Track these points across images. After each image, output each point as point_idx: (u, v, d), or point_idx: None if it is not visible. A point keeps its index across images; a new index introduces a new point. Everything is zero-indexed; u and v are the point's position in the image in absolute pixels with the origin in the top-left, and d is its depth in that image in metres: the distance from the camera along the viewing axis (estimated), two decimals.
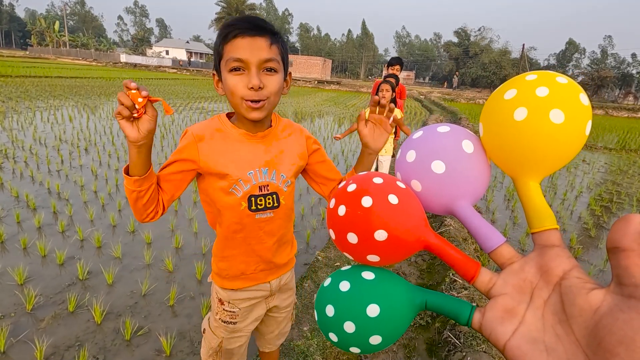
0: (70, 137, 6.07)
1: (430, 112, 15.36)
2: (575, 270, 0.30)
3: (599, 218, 4.43)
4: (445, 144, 0.40)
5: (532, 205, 0.35)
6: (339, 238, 0.38)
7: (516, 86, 0.36)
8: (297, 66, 45.50)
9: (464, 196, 0.39)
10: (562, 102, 0.33)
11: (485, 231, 0.36)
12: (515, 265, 0.34)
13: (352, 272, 0.40)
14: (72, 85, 14.86)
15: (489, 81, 57.86)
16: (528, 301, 0.31)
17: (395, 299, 0.37)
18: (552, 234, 0.33)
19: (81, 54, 52.55)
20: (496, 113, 0.37)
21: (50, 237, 2.88)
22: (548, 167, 0.35)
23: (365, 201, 0.36)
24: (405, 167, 0.42)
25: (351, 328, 0.37)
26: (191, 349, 1.91)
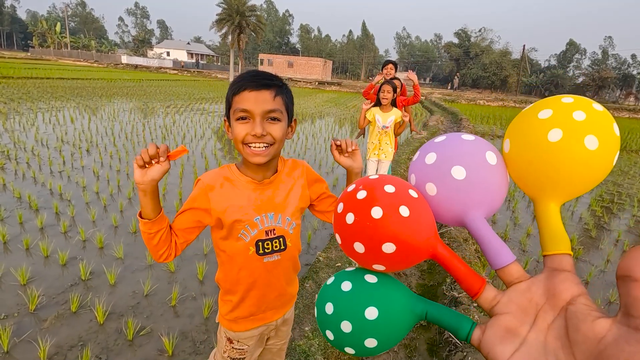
0: (72, 138, 6.09)
1: (430, 113, 15.36)
2: (582, 297, 0.29)
3: (600, 219, 4.43)
4: (469, 151, 0.39)
5: (550, 228, 0.34)
6: (346, 245, 0.38)
7: (552, 107, 0.35)
8: (297, 67, 45.55)
9: (479, 207, 0.38)
10: (597, 129, 0.33)
11: (497, 246, 0.35)
12: (522, 285, 0.33)
13: (355, 274, 0.40)
14: (73, 87, 14.90)
15: (490, 82, 57.83)
16: (531, 323, 0.31)
17: (395, 305, 0.37)
18: (565, 259, 0.32)
19: (82, 55, 52.68)
20: (528, 131, 0.36)
21: (53, 238, 2.89)
22: (572, 191, 0.34)
23: (376, 212, 0.35)
24: (423, 169, 0.41)
25: (348, 328, 0.37)
26: (193, 348, 1.92)
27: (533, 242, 3.59)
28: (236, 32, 33.28)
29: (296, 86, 32.30)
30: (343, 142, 1.00)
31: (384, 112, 3.48)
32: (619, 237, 3.89)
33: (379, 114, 3.50)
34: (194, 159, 5.51)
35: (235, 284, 1.05)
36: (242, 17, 32.55)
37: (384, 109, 3.48)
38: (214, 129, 8.11)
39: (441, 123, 11.56)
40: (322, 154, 6.55)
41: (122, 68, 39.88)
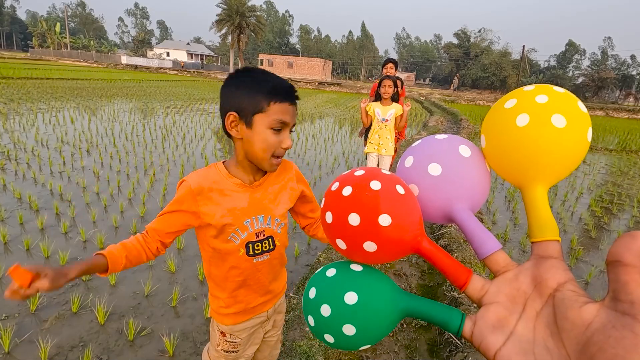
0: (72, 138, 6.10)
1: (430, 114, 15.38)
2: (569, 283, 0.29)
3: (600, 219, 4.44)
4: (442, 148, 0.41)
5: (536, 213, 0.34)
6: (338, 220, 0.37)
7: (516, 96, 0.37)
8: (297, 68, 45.56)
9: (460, 199, 0.39)
10: (562, 107, 0.34)
11: (481, 236, 0.36)
12: (510, 274, 0.33)
13: (342, 263, 0.41)
14: (73, 87, 14.90)
15: (489, 82, 57.89)
16: (520, 311, 0.31)
17: (376, 293, 0.37)
18: (552, 245, 0.32)
19: (82, 56, 52.67)
20: (498, 122, 0.37)
21: (53, 239, 2.90)
22: (554, 172, 0.35)
23: (374, 184, 0.36)
24: (404, 173, 0.43)
25: (327, 311, 0.37)
26: (194, 349, 1.92)
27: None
28: (236, 32, 33.30)
29: (296, 86, 32.21)
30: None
31: (384, 105, 3.50)
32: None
33: (379, 108, 3.51)
34: (194, 159, 5.52)
35: (224, 281, 1.05)
36: (242, 17, 32.59)
37: (384, 103, 3.49)
38: (213, 130, 8.11)
39: (441, 124, 11.57)
40: (322, 155, 6.55)
41: (122, 68, 39.88)
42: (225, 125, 0.94)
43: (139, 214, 3.45)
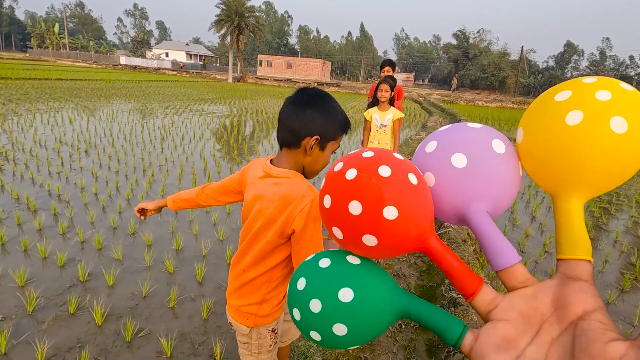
0: (70, 139, 6.08)
1: (429, 114, 15.39)
2: (598, 313, 0.26)
3: (598, 219, 4.44)
4: (473, 137, 0.35)
5: (569, 227, 0.30)
6: (337, 205, 0.32)
7: (571, 88, 0.31)
8: (296, 68, 45.57)
9: (481, 199, 0.34)
10: (626, 109, 0.28)
11: (499, 244, 0.31)
12: (528, 290, 0.29)
13: (337, 253, 0.36)
14: (72, 88, 14.88)
15: (488, 83, 57.97)
16: (533, 335, 0.27)
17: (374, 291, 0.33)
18: (582, 265, 0.28)
19: (81, 56, 52.61)
20: (543, 116, 0.32)
21: (51, 239, 2.89)
22: (598, 184, 0.30)
23: (384, 170, 0.32)
24: (422, 159, 0.37)
25: (317, 307, 0.33)
26: (192, 350, 1.92)
27: (532, 243, 3.60)
28: (235, 33, 33.29)
29: (295, 87, 32.30)
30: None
31: (381, 110, 3.49)
32: (617, 238, 3.90)
33: (376, 113, 3.51)
34: (193, 160, 5.51)
35: (286, 278, 1.12)
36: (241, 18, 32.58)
37: (381, 108, 3.49)
38: (212, 130, 8.10)
39: (440, 124, 11.58)
40: None
41: (120, 69, 39.85)
42: (299, 142, 1.01)
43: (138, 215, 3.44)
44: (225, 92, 19.87)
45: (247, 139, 7.47)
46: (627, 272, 3.19)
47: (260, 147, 6.83)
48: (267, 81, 35.31)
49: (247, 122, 9.75)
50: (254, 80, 35.92)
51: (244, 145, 6.84)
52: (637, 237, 4.00)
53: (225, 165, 5.40)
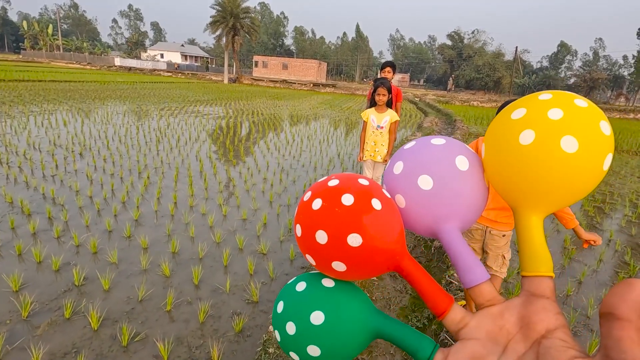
0: (64, 141, 6.04)
1: (425, 114, 15.45)
2: (559, 331, 0.26)
3: (592, 219, 4.48)
4: (437, 157, 0.36)
5: (530, 244, 0.31)
6: (306, 235, 0.34)
7: (526, 105, 0.32)
8: (292, 69, 45.56)
9: (450, 219, 0.35)
10: (577, 128, 0.29)
11: (468, 262, 0.32)
12: (495, 309, 0.30)
13: (314, 276, 0.37)
14: (66, 89, 14.77)
15: (483, 83, 58.32)
16: (500, 353, 0.28)
17: (345, 313, 0.34)
18: (544, 282, 0.29)
19: (75, 58, 52.26)
20: (500, 134, 0.33)
21: (46, 243, 2.86)
22: (554, 201, 0.30)
23: (346, 199, 0.32)
24: (391, 180, 0.38)
25: (292, 330, 0.34)
26: (189, 354, 1.91)
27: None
28: (230, 34, 33.22)
29: (291, 88, 32.30)
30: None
31: (379, 112, 3.52)
32: (611, 237, 3.93)
33: (373, 115, 3.53)
34: (189, 162, 5.49)
35: None
36: (236, 19, 32.52)
37: (379, 110, 3.52)
38: (208, 132, 8.08)
39: (435, 124, 11.63)
40: (317, 156, 6.55)
41: (115, 70, 39.63)
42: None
43: (133, 218, 3.42)
44: (221, 93, 19.82)
45: (243, 140, 7.46)
46: (621, 270, 3.22)
47: (257, 149, 6.82)
48: (263, 82, 35.26)
49: (243, 124, 9.73)
50: (250, 81, 35.86)
51: (240, 146, 6.83)
52: (630, 236, 4.04)
53: (221, 167, 5.38)
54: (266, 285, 2.58)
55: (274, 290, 2.53)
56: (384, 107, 3.52)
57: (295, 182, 4.98)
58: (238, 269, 2.76)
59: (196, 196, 4.13)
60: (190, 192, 4.20)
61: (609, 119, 6.44)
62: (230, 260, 2.85)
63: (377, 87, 3.43)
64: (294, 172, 5.46)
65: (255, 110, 13.04)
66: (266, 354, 1.80)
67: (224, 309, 2.29)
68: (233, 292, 2.47)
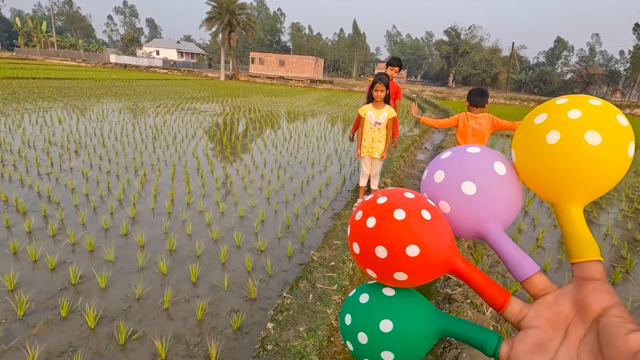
0: (59, 139, 5.98)
1: (422, 111, 15.44)
2: (615, 308, 0.28)
3: (589, 214, 4.50)
4: (476, 164, 0.39)
5: (574, 233, 0.33)
6: (366, 251, 0.36)
7: (546, 111, 0.35)
8: (289, 66, 45.37)
9: (494, 219, 0.37)
10: (597, 123, 0.32)
11: (518, 258, 0.35)
12: (550, 297, 0.32)
13: (374, 286, 0.40)
14: (61, 87, 14.64)
15: (480, 79, 58.34)
16: (562, 337, 0.30)
17: (411, 319, 0.37)
18: (593, 266, 0.31)
19: (70, 55, 51.78)
20: (528, 138, 0.36)
21: (41, 242, 2.84)
22: (590, 191, 0.33)
23: (398, 214, 0.35)
24: (434, 188, 0.41)
25: (364, 339, 0.37)
26: (187, 351, 1.90)
27: (525, 238, 3.63)
28: (226, 30, 33.02)
29: (288, 85, 32.19)
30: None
31: (376, 108, 3.46)
32: (607, 232, 3.95)
33: (371, 111, 3.48)
34: (185, 159, 5.46)
35: None
36: (232, 15, 32.30)
37: (376, 106, 3.46)
38: (205, 129, 8.04)
39: None
40: (314, 153, 6.53)
41: (110, 67, 39.32)
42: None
43: (130, 215, 3.40)
44: (217, 90, 19.71)
45: (240, 138, 7.43)
46: (618, 265, 3.24)
47: (254, 145, 6.80)
48: (259, 79, 35.11)
49: (239, 121, 9.69)
50: (247, 78, 35.69)
51: (237, 143, 6.80)
52: (627, 231, 4.06)
53: (218, 164, 5.35)
54: (264, 282, 2.57)
55: (272, 288, 2.52)
56: (382, 103, 3.47)
57: (293, 179, 4.97)
58: (236, 266, 2.75)
59: (193, 193, 4.11)
60: (187, 190, 4.18)
61: None
62: (227, 257, 2.84)
63: (374, 83, 3.41)
64: (292, 168, 5.44)
65: (252, 107, 12.98)
66: (264, 351, 1.79)
67: (222, 307, 2.28)
68: (231, 290, 2.45)
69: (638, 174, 6.95)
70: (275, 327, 1.96)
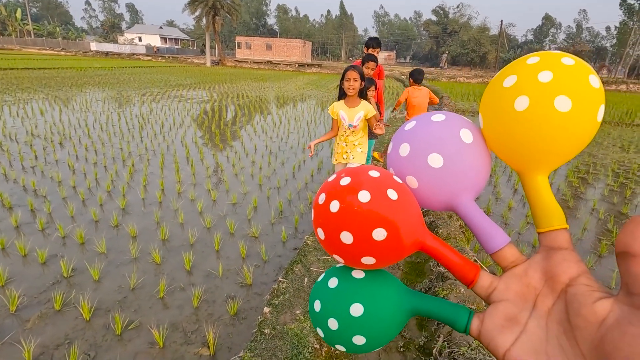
0: (42, 131, 5.82)
1: None
2: (582, 277, 0.27)
3: (577, 189, 4.59)
4: (442, 134, 0.37)
5: (540, 202, 0.32)
6: (330, 238, 0.34)
7: (516, 72, 0.33)
8: (276, 49, 44.50)
9: (464, 191, 0.36)
10: (568, 87, 0.30)
11: (489, 230, 0.34)
12: (519, 269, 0.31)
13: (343, 270, 0.39)
14: (40, 77, 14.16)
15: (469, 59, 58.15)
16: (531, 309, 0.29)
17: (382, 301, 0.36)
18: (560, 235, 0.30)
19: (48, 44, 49.94)
20: (495, 103, 0.34)
21: (30, 236, 2.79)
22: (556, 159, 0.32)
23: (363, 196, 0.33)
24: (399, 163, 0.39)
25: (334, 325, 0.36)
26: (184, 339, 1.91)
27: (514, 215, 3.70)
28: (210, 14, 32.09)
29: (276, 69, 31.65)
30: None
31: (349, 106, 2.73)
32: (594, 206, 4.04)
33: (343, 110, 2.74)
34: (174, 148, 5.37)
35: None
36: None
37: (349, 103, 2.72)
38: (193, 116, 7.89)
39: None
40: (305, 138, 6.49)
41: (91, 56, 38.10)
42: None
43: (120, 206, 3.35)
44: (204, 76, 19.30)
45: (230, 124, 7.32)
46: (604, 238, 3.33)
47: (244, 132, 6.71)
48: (246, 64, 34.44)
49: (228, 107, 9.53)
50: (233, 63, 34.96)
51: (226, 130, 6.70)
52: (612, 204, 4.16)
53: (208, 152, 5.28)
54: (259, 268, 2.58)
55: (267, 273, 2.54)
56: (356, 99, 2.72)
57: (284, 164, 4.94)
58: (230, 253, 2.75)
59: (184, 182, 4.06)
60: (177, 179, 4.13)
61: None
62: (221, 244, 2.83)
63: (345, 71, 2.72)
64: (283, 154, 5.40)
65: (240, 92, 12.76)
66: (262, 334, 1.81)
67: (218, 293, 2.29)
68: (226, 276, 2.46)
69: (624, 149, 7.09)
70: (272, 311, 1.98)
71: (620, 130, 9.29)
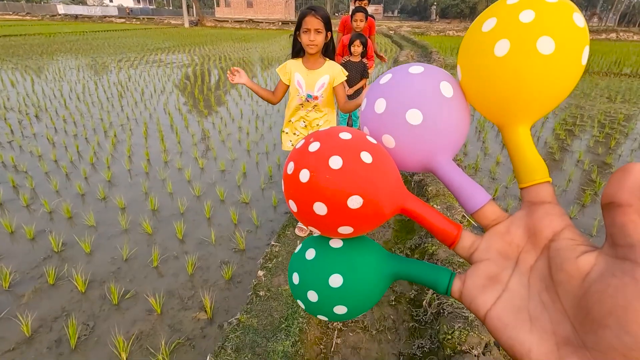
0: (15, 104, 5.55)
1: (400, 48, 14.91)
2: (566, 231, 0.26)
3: (563, 142, 4.63)
4: (421, 88, 0.34)
5: (521, 155, 0.30)
6: (303, 210, 0.32)
7: (495, 14, 0.30)
8: (258, 7, 42.17)
9: (443, 150, 0.34)
10: (551, 27, 0.27)
11: (469, 189, 0.32)
12: (501, 227, 0.30)
13: (320, 240, 0.37)
14: (6, 45, 13.28)
15: (459, 10, 56.12)
16: (513, 267, 0.28)
17: (361, 270, 0.34)
18: (543, 189, 0.29)
19: (11, 8, 46.35)
20: (474, 51, 0.31)
21: (15, 213, 2.74)
22: (539, 108, 0.30)
23: (334, 162, 0.30)
24: (375, 121, 0.35)
25: (314, 297, 0.35)
26: (182, 305, 1.95)
27: (502, 170, 3.74)
28: None
29: (258, 28, 30.18)
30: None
31: (309, 69, 1.98)
32: (580, 158, 4.11)
33: (300, 73, 1.99)
34: (157, 115, 5.19)
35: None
36: None
37: (309, 63, 1.98)
38: (174, 82, 7.58)
39: (411, 58, 11.29)
40: None
41: (60, 20, 35.66)
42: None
43: (105, 179, 3.28)
44: (182, 38, 18.33)
45: (213, 89, 7.06)
46: (588, 188, 3.41)
47: (228, 97, 6.50)
48: (227, 23, 32.71)
49: (211, 71, 9.15)
50: (213, 23, 33.15)
51: (210, 95, 6.48)
52: (597, 155, 4.23)
53: (192, 119, 5.13)
54: (252, 233, 2.60)
55: (260, 237, 2.56)
56: (319, 58, 1.98)
57: (272, 128, 4.84)
58: (222, 220, 2.75)
59: (169, 151, 3.97)
60: (162, 148, 4.03)
61: None
62: (212, 212, 2.83)
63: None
64: (270, 118, 5.28)
65: (222, 55, 12.22)
66: (257, 297, 1.86)
67: (212, 260, 2.31)
68: (219, 243, 2.48)
69: (610, 100, 7.10)
70: (266, 274, 2.02)
71: (608, 80, 9.26)
